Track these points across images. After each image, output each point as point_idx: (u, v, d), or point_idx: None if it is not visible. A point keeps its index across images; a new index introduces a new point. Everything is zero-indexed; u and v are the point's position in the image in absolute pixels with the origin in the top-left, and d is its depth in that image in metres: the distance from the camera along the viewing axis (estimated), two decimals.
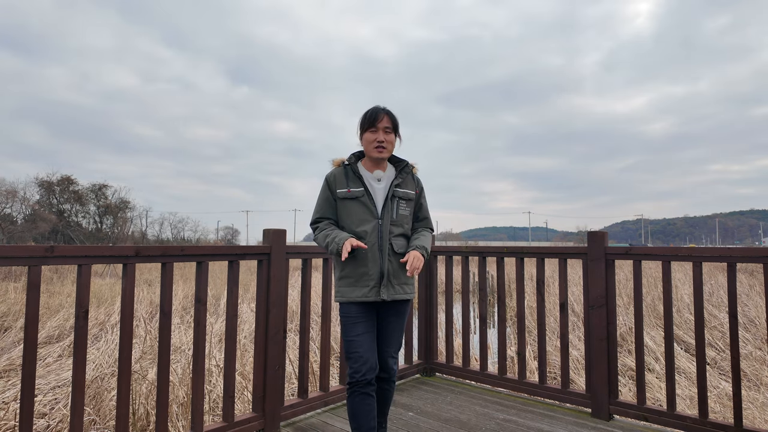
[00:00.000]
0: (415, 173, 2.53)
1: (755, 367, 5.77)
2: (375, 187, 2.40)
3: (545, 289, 3.43)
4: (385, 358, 2.40)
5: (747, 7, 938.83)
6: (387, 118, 2.38)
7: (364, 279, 2.31)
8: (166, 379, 2.44)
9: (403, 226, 2.42)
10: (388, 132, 2.38)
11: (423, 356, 4.09)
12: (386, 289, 2.31)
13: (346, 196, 2.36)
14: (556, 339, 7.12)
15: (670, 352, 2.86)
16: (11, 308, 9.65)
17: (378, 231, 2.34)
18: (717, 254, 2.76)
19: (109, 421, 3.80)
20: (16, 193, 37.18)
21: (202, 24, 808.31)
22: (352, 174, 2.41)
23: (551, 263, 15.89)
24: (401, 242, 2.40)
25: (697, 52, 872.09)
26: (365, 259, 2.31)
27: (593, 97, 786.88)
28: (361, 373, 2.24)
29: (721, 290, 10.72)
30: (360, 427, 2.25)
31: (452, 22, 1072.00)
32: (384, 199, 2.38)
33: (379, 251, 2.33)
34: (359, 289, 2.31)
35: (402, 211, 2.41)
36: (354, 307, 2.32)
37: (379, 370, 2.39)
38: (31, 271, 2.00)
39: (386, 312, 2.40)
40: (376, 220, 2.35)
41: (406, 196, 2.42)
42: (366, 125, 2.38)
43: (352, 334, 2.29)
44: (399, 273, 2.36)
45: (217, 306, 10.35)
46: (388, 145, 2.38)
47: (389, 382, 2.46)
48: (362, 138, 2.41)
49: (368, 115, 2.38)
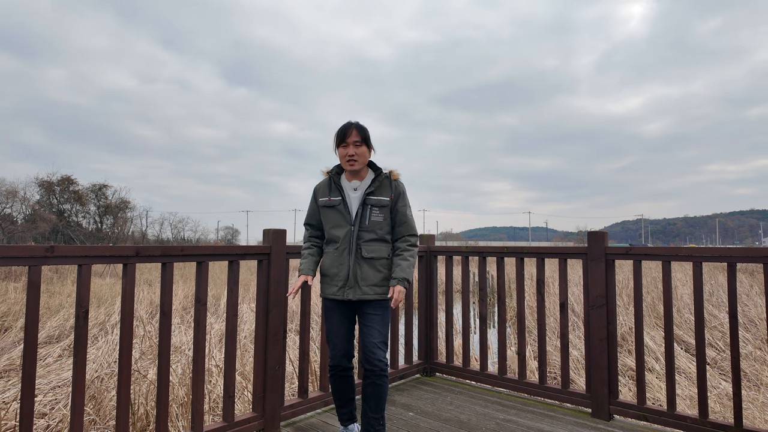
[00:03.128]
0: (395, 179, 2.67)
1: (755, 367, 5.77)
2: (351, 196, 2.63)
3: (545, 289, 3.43)
4: (369, 349, 2.48)
5: (737, 10, 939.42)
6: (355, 131, 2.56)
7: (334, 279, 2.58)
8: (166, 379, 2.44)
9: (376, 231, 2.58)
10: (358, 145, 2.56)
11: (423, 356, 4.09)
12: (352, 290, 2.52)
13: (326, 204, 2.64)
14: (556, 339, 7.12)
15: (670, 352, 2.86)
16: (11, 308, 9.65)
17: (349, 236, 2.56)
18: (717, 254, 2.76)
19: (109, 421, 3.80)
20: (16, 193, 37.19)
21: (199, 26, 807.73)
22: (333, 185, 2.65)
23: (551, 263, 15.89)
24: (374, 246, 2.57)
25: (690, 53, 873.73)
26: (336, 262, 2.57)
27: (588, 98, 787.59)
28: (335, 359, 2.58)
29: (721, 290, 10.72)
30: (340, 399, 2.66)
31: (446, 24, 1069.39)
32: (358, 208, 2.58)
33: (348, 255, 2.55)
34: (330, 287, 2.59)
35: (375, 217, 2.58)
36: (329, 302, 2.63)
37: (366, 363, 2.48)
38: (31, 271, 2.00)
39: (362, 308, 2.57)
40: (349, 226, 2.58)
41: (379, 203, 2.59)
42: (338, 141, 2.59)
43: (329, 325, 2.62)
44: (368, 275, 2.53)
45: (217, 306, 10.35)
46: (359, 158, 2.58)
47: (379, 377, 2.47)
48: (337, 153, 2.63)
49: (339, 132, 2.59)
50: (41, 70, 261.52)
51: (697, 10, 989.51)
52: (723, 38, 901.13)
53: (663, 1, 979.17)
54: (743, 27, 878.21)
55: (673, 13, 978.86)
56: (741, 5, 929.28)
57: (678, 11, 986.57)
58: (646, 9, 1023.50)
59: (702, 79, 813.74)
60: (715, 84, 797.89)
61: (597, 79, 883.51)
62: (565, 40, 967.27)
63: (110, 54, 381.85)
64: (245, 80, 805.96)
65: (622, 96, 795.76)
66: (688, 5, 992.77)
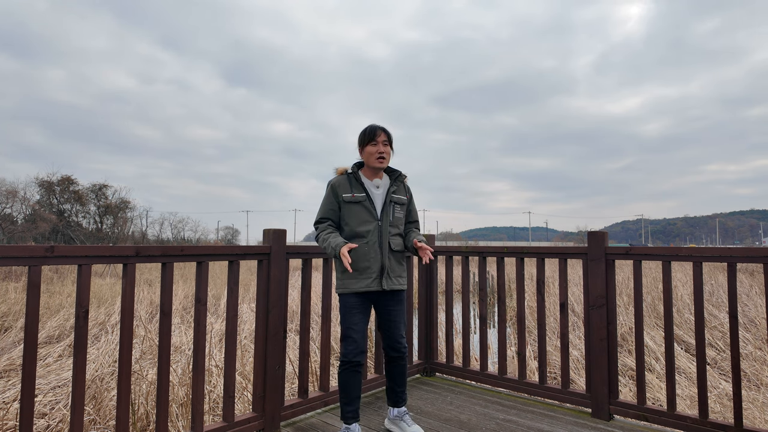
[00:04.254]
0: (405, 182, 2.93)
1: (755, 367, 5.77)
2: (374, 193, 2.79)
3: (545, 289, 3.43)
4: (396, 339, 2.81)
5: (735, 10, 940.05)
6: (384, 134, 2.77)
7: (366, 272, 2.69)
8: (166, 379, 2.44)
9: (398, 227, 2.84)
10: (386, 144, 2.77)
11: (423, 356, 4.09)
12: (386, 280, 2.72)
13: (350, 200, 2.73)
14: (556, 339, 7.12)
15: (670, 352, 2.86)
16: (11, 308, 9.65)
17: (378, 231, 2.73)
18: (717, 254, 2.76)
19: (109, 421, 3.80)
20: (17, 193, 37.19)
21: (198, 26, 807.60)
22: (354, 181, 2.78)
23: (551, 263, 15.89)
24: (397, 241, 2.82)
25: (688, 54, 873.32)
26: (367, 255, 2.69)
27: (587, 99, 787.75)
28: (353, 355, 2.66)
29: (721, 290, 10.72)
30: (348, 395, 2.70)
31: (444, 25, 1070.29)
32: (382, 204, 2.78)
33: (380, 248, 2.72)
34: (362, 280, 2.69)
35: (397, 214, 2.83)
36: (354, 298, 2.71)
37: (392, 350, 2.83)
38: (32, 271, 2.00)
39: (386, 302, 2.79)
40: (376, 222, 2.74)
41: (400, 201, 2.85)
42: (367, 140, 2.75)
43: (350, 322, 2.69)
44: (395, 267, 2.79)
45: (217, 306, 10.35)
46: (386, 156, 2.77)
47: (402, 359, 2.86)
48: (363, 151, 2.78)
49: (368, 131, 2.76)
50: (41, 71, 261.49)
51: (694, 10, 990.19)
52: (721, 39, 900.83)
53: (661, 2, 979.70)
54: (741, 27, 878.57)
55: (670, 14, 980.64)
56: (739, 6, 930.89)
57: (675, 12, 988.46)
58: (643, 10, 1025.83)
59: (700, 80, 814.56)
60: (713, 84, 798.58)
61: (595, 80, 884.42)
62: (564, 40, 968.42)
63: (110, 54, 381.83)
64: (244, 80, 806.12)
65: (620, 96, 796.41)
66: (685, 6, 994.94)
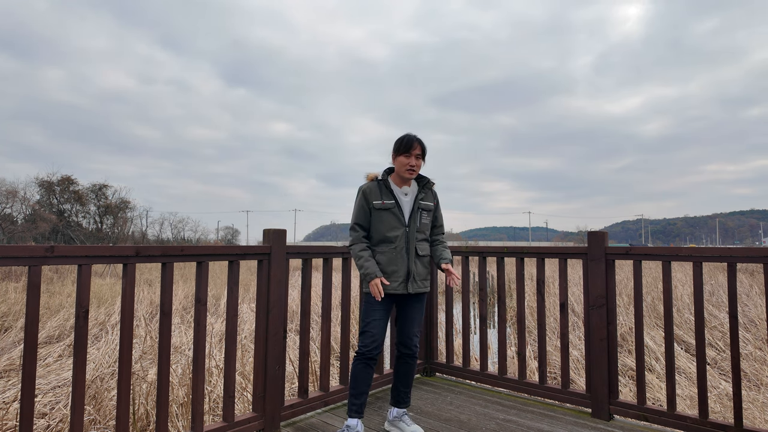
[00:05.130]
0: (433, 188, 2.99)
1: (755, 367, 5.77)
2: (403, 200, 2.86)
3: (545, 289, 3.43)
4: (410, 336, 2.88)
5: (734, 11, 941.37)
6: (419, 147, 2.81)
7: (394, 275, 2.77)
8: (166, 379, 2.44)
9: (425, 232, 2.92)
10: (419, 158, 2.83)
11: (423, 356, 4.09)
12: (412, 284, 2.81)
13: (381, 207, 2.80)
14: (556, 339, 7.12)
15: (670, 352, 2.86)
16: (11, 308, 9.65)
17: (405, 236, 2.82)
18: (717, 254, 2.76)
19: (109, 421, 3.80)
20: (17, 193, 37.19)
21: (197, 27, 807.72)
22: (384, 188, 2.85)
23: (551, 263, 15.88)
24: (424, 246, 2.90)
25: (686, 54, 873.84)
26: (396, 260, 2.78)
27: (586, 99, 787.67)
28: (369, 348, 2.73)
29: (721, 290, 10.72)
30: (357, 387, 2.74)
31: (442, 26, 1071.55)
32: (410, 211, 2.85)
33: (407, 254, 2.81)
34: (390, 283, 2.77)
35: (424, 220, 2.89)
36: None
37: (404, 347, 2.89)
38: (32, 271, 2.00)
39: (409, 302, 2.88)
40: (404, 228, 2.82)
41: (427, 207, 2.90)
42: (401, 150, 2.80)
43: (372, 317, 2.76)
44: (421, 271, 2.86)
45: (217, 306, 10.35)
46: (417, 169, 2.84)
47: (413, 357, 2.91)
48: (396, 159, 2.83)
49: (405, 141, 2.80)
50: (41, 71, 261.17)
51: (692, 11, 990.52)
52: (719, 39, 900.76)
53: (659, 3, 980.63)
54: (740, 28, 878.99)
55: (669, 15, 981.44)
56: (737, 6, 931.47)
57: (674, 12, 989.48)
58: (641, 10, 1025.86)
59: (699, 80, 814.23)
60: (712, 85, 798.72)
61: (594, 80, 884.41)
62: (562, 41, 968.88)
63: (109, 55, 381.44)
64: (243, 81, 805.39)
65: (619, 97, 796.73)
66: (683, 6, 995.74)
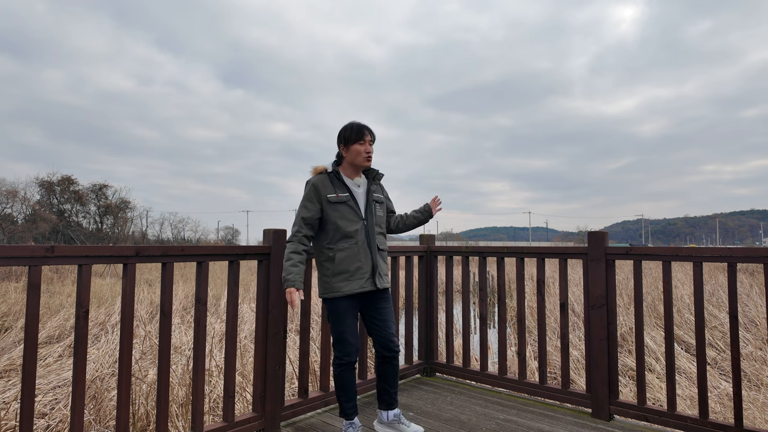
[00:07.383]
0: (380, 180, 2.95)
1: (755, 367, 5.77)
2: (357, 192, 2.76)
3: (545, 289, 3.43)
4: (388, 338, 2.75)
5: (728, 12, 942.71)
6: (370, 133, 2.76)
7: (359, 272, 2.66)
8: (167, 380, 2.44)
9: (381, 226, 2.84)
10: (371, 144, 2.77)
11: (423, 356, 4.09)
12: (378, 279, 2.71)
13: (336, 200, 2.67)
14: (557, 339, 7.11)
15: (670, 352, 2.86)
16: (11, 308, 9.65)
17: (365, 230, 2.71)
18: (717, 254, 2.76)
19: (109, 421, 3.80)
20: (17, 193, 37.19)
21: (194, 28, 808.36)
22: (336, 180, 2.73)
23: (551, 263, 15.89)
24: (382, 240, 2.82)
25: (681, 55, 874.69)
26: (359, 255, 2.66)
27: (583, 100, 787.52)
28: (349, 356, 2.66)
29: (721, 290, 10.71)
30: (347, 393, 2.71)
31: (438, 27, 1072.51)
32: (365, 203, 2.76)
33: (369, 248, 2.70)
34: (355, 281, 2.65)
35: (379, 213, 2.81)
36: (345, 302, 2.66)
37: (385, 350, 2.76)
38: (32, 271, 2.00)
39: (375, 301, 2.76)
40: (362, 221, 2.71)
41: (379, 200, 2.85)
42: (354, 138, 2.71)
43: (344, 325, 2.65)
44: (382, 265, 2.78)
45: (218, 306, 10.35)
46: (372, 155, 2.77)
47: (395, 359, 2.80)
48: (348, 149, 2.73)
49: (356, 129, 2.72)
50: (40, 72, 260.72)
51: (687, 13, 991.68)
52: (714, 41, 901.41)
53: (654, 4, 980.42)
54: (734, 29, 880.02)
55: (663, 16, 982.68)
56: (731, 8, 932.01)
57: (669, 14, 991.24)
58: (636, 12, 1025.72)
59: (694, 81, 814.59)
60: (707, 85, 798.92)
61: (591, 81, 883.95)
62: (558, 42, 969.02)
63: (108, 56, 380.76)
64: (241, 82, 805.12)
65: (616, 97, 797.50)
66: (678, 8, 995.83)
